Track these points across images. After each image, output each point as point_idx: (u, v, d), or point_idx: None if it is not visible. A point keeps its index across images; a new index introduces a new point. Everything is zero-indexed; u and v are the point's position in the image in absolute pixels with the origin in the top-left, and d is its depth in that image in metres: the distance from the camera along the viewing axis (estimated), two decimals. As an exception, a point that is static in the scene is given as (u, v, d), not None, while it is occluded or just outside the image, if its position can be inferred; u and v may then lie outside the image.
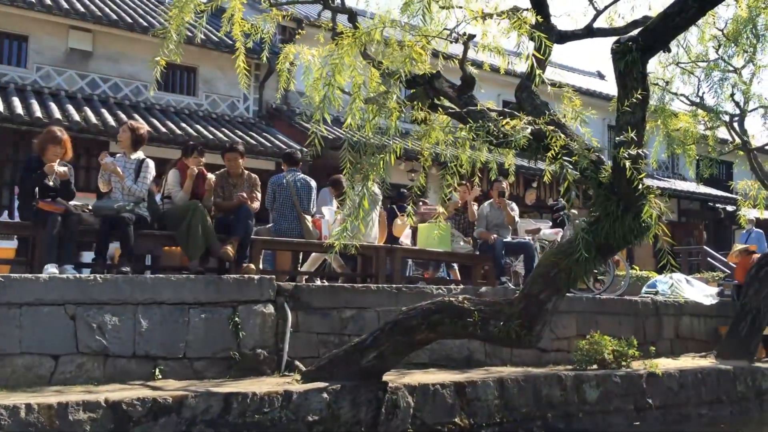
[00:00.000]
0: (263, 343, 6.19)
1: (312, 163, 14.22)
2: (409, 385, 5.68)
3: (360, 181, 4.85)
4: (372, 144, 4.71)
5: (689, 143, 9.92)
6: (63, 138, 6.00)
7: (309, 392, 5.17)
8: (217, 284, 6.06)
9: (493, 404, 6.06)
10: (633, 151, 4.31)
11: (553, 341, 8.12)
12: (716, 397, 7.74)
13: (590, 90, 20.63)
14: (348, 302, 6.79)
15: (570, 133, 4.80)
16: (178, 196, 6.52)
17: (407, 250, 8.21)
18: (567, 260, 4.97)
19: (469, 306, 5.24)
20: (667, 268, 4.40)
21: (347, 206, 4.92)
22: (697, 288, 10.35)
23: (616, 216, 4.79)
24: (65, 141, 6.03)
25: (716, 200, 21.46)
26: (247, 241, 6.63)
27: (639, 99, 4.55)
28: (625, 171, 4.30)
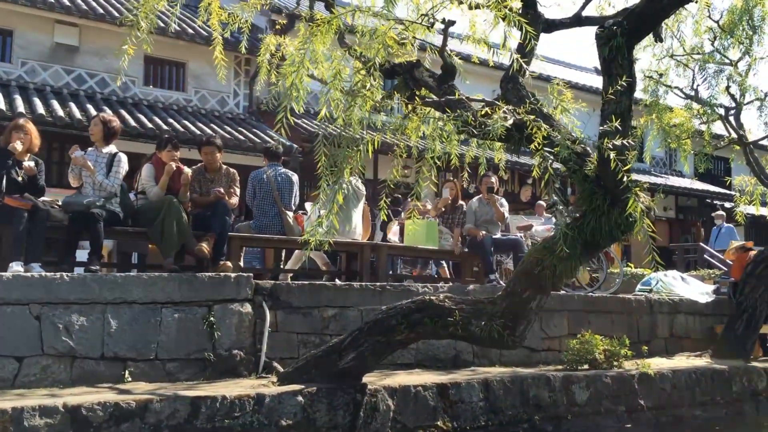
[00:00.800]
0: (240, 343, 5.98)
1: (303, 159, 14.06)
2: (390, 387, 5.46)
3: (335, 175, 4.62)
4: (347, 136, 4.48)
5: (684, 137, 9.70)
6: (26, 126, 5.77)
7: (283, 395, 4.95)
8: (191, 282, 5.84)
9: (477, 406, 5.84)
10: (618, 142, 4.08)
11: (544, 340, 7.91)
12: (711, 397, 7.51)
13: (587, 86, 20.41)
14: (330, 301, 6.58)
15: (555, 123, 4.57)
16: (153, 192, 6.29)
17: (393, 246, 8.00)
18: (551, 257, 4.75)
19: (450, 305, 5.02)
20: (653, 265, 4.17)
21: (321, 201, 4.69)
22: (692, 285, 10.13)
23: (602, 211, 4.57)
24: (29, 129, 5.80)
25: (714, 197, 21.24)
26: (224, 237, 6.41)
27: (625, 87, 4.32)
28: (611, 163, 4.07)
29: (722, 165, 23.25)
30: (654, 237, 4.29)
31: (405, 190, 8.29)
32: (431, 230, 8.07)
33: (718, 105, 9.70)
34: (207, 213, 6.50)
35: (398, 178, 5.78)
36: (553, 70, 20.50)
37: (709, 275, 11.27)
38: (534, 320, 5.04)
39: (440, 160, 5.00)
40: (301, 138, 14.02)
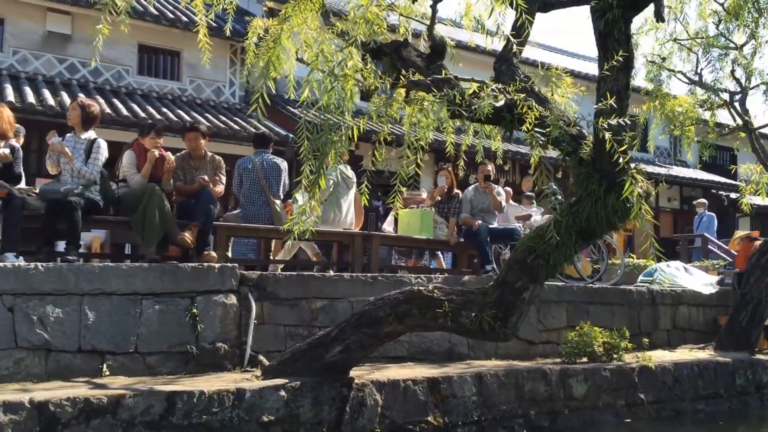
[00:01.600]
0: (224, 336, 5.77)
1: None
2: (378, 382, 5.25)
3: (317, 160, 4.39)
4: (328, 120, 4.25)
5: (688, 124, 9.42)
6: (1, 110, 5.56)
7: (264, 390, 4.74)
8: (174, 273, 5.63)
9: (470, 401, 5.63)
10: (614, 121, 3.84)
11: (542, 332, 7.70)
12: (714, 391, 7.29)
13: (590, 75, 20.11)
14: (319, 292, 6.37)
15: (548, 104, 4.32)
16: (134, 180, 6.07)
17: (385, 237, 7.77)
18: (545, 245, 4.52)
19: (440, 296, 4.79)
20: (651, 253, 3.94)
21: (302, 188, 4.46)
22: (696, 276, 9.88)
23: (598, 196, 4.34)
24: (5, 116, 5.58)
25: (719, 187, 20.94)
26: (209, 227, 6.19)
27: (621, 63, 4.08)
28: (606, 144, 3.83)
29: (727, 155, 22.94)
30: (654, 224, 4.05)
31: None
32: (425, 220, 7.84)
33: (722, 90, 9.43)
34: (191, 202, 6.28)
35: (388, 166, 5.57)
36: (556, 59, 20.20)
37: (713, 266, 11.01)
38: (527, 311, 4.81)
39: (428, 145, 4.75)
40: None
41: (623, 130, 3.98)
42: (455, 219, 8.16)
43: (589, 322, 7.46)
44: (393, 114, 4.61)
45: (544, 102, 4.32)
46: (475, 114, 3.93)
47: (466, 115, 4.26)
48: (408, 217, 7.89)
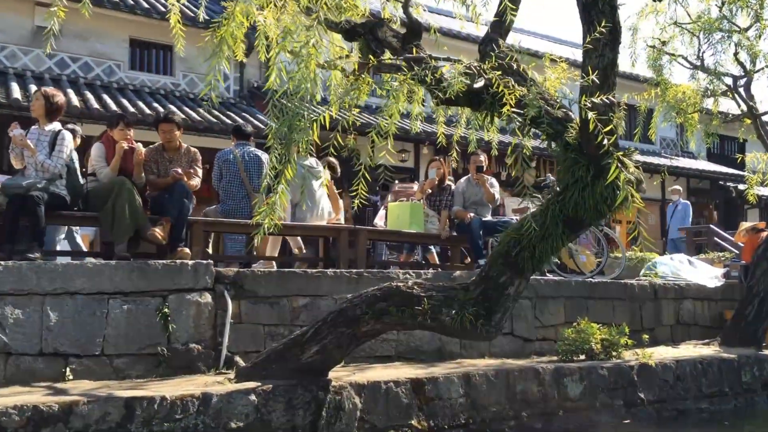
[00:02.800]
0: (198, 336, 5.49)
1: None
2: (357, 384, 4.94)
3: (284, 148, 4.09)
4: (294, 107, 3.95)
5: (690, 111, 9.05)
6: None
7: (233, 394, 4.45)
8: (143, 271, 5.34)
9: (457, 403, 5.32)
10: (598, 99, 3.52)
11: (538, 329, 7.38)
12: (718, 389, 6.95)
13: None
14: (301, 289, 6.07)
15: (529, 83, 3.98)
16: (103, 173, 5.78)
17: (373, 231, 7.46)
18: (530, 237, 4.21)
19: (419, 292, 4.49)
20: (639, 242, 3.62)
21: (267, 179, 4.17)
22: (700, 269, 9.53)
23: (585, 183, 4.02)
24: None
25: (727, 178, 20.52)
26: (182, 222, 5.90)
27: (607, 37, 3.76)
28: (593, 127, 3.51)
29: (735, 145, 22.51)
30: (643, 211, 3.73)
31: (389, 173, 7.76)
32: (416, 213, 7.53)
33: (725, 74, 9.04)
34: (165, 196, 5.99)
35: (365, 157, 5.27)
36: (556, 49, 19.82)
37: (719, 258, 10.64)
38: (512, 308, 4.49)
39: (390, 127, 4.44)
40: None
41: (609, 110, 3.66)
42: (447, 212, 7.84)
43: (589, 318, 7.17)
44: (364, 98, 4.30)
45: (524, 80, 3.99)
46: (445, 93, 3.61)
47: (442, 97, 3.94)
48: (397, 211, 7.59)
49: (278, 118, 4.04)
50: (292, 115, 3.90)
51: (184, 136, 11.74)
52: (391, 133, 4.89)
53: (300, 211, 7.05)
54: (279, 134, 4.02)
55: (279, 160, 4.14)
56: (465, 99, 4.08)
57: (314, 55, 3.68)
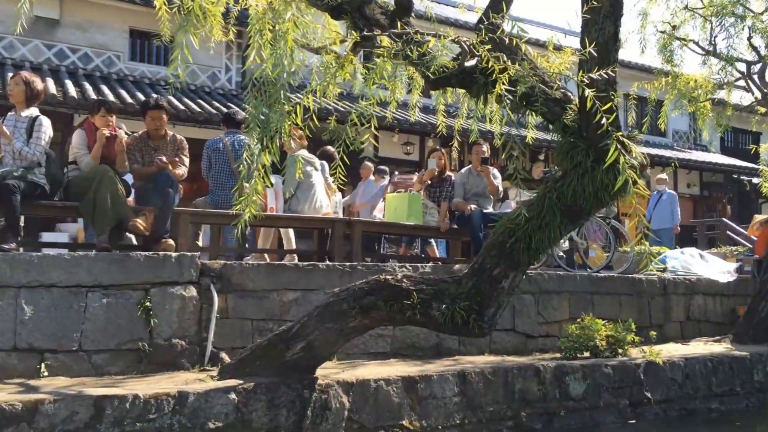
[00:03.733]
0: (182, 332, 5.26)
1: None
2: (345, 382, 4.70)
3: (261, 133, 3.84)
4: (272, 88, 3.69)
5: (702, 99, 8.71)
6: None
7: (211, 393, 4.21)
8: (124, 263, 5.12)
9: (452, 402, 5.06)
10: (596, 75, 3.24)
11: (541, 325, 7.11)
12: (729, 388, 6.65)
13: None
14: (291, 283, 5.83)
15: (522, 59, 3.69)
16: (85, 161, 5.55)
17: (368, 223, 7.20)
18: (526, 227, 3.94)
19: (408, 285, 4.23)
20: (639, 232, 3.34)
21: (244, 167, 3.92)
22: (712, 264, 9.20)
23: (585, 168, 3.74)
24: None
25: (741, 171, 20.12)
26: (167, 212, 5.65)
27: (608, 8, 3.47)
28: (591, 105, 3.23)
29: (749, 138, 22.07)
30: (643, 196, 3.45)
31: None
32: (414, 204, 7.26)
33: (739, 59, 8.68)
34: (150, 185, 5.75)
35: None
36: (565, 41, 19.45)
37: (732, 252, 10.30)
38: (506, 303, 4.22)
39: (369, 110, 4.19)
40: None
41: (609, 87, 3.38)
42: (447, 204, 7.57)
43: (594, 313, 6.89)
44: (346, 77, 4.04)
45: (516, 56, 3.70)
46: (430, 69, 3.34)
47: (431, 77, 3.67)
48: (395, 202, 7.32)
49: (256, 100, 3.78)
50: (269, 96, 3.64)
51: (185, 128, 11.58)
52: (387, 122, 4.59)
53: (295, 203, 6.81)
54: (256, 118, 3.76)
55: (257, 145, 3.88)
56: (457, 79, 3.82)
57: (291, 30, 3.42)
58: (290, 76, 3.63)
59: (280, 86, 3.60)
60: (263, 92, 3.85)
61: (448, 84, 3.89)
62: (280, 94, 3.61)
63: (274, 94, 3.60)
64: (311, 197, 6.80)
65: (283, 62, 3.53)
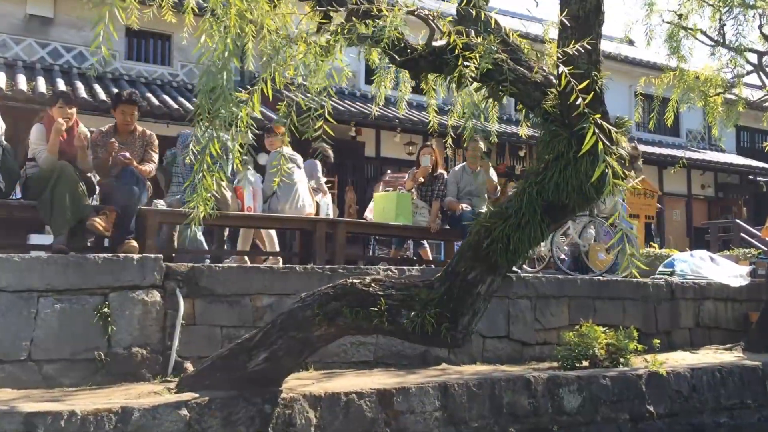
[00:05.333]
0: (144, 339, 4.90)
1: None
2: (312, 396, 4.31)
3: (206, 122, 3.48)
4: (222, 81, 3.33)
5: (712, 93, 8.25)
6: None
7: (160, 408, 3.83)
8: (81, 266, 4.77)
9: (432, 417, 4.66)
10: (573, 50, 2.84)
11: (538, 332, 6.70)
12: (740, 401, 6.19)
13: (617, 55, 18.90)
14: (265, 287, 5.47)
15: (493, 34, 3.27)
16: (43, 157, 5.21)
17: (353, 223, 6.82)
18: (504, 226, 3.53)
19: (377, 290, 3.84)
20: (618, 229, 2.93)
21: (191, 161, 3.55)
22: (723, 267, 8.73)
23: (567, 160, 3.34)
24: None
25: (757, 172, 19.53)
26: (131, 212, 5.30)
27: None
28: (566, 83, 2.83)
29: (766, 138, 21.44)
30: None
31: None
32: (403, 204, 6.87)
33: (749, 49, 8.20)
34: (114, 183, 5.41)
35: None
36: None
37: (744, 255, 9.81)
38: (484, 310, 3.81)
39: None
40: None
41: (593, 67, 2.97)
42: (439, 203, 7.16)
43: (596, 320, 6.50)
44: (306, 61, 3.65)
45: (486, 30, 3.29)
46: (380, 42, 2.95)
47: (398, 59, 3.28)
48: (383, 202, 6.94)
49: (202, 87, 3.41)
50: (213, 82, 3.27)
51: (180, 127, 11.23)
52: (372, 117, 4.20)
53: (275, 203, 6.44)
54: (201, 106, 3.40)
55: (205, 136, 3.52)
56: (426, 61, 3.43)
57: (233, 4, 3.05)
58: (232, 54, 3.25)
59: (222, 68, 3.23)
60: (205, 77, 3.49)
61: (418, 67, 3.51)
62: (224, 82, 3.24)
63: (218, 79, 3.23)
64: (293, 196, 6.43)
65: (226, 42, 3.16)
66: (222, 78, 3.22)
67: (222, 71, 3.22)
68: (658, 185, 17.52)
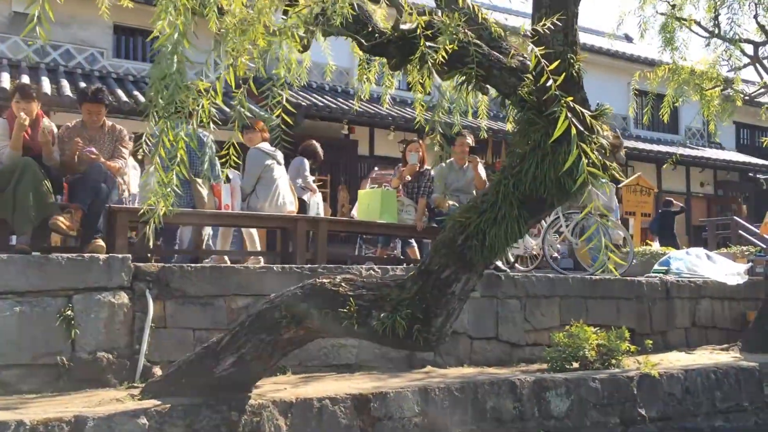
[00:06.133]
0: (110, 344, 4.69)
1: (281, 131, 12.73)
2: (283, 402, 4.10)
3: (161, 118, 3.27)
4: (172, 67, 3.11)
5: (708, 86, 8.02)
6: None
7: (116, 417, 3.62)
8: (43, 267, 4.55)
9: (411, 423, 4.45)
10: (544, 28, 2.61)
11: (528, 333, 6.49)
12: (736, 403, 5.97)
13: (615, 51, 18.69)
14: (241, 288, 5.25)
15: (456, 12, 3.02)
16: (5, 153, 4.99)
17: (335, 221, 6.59)
18: (479, 221, 3.31)
19: (346, 290, 3.62)
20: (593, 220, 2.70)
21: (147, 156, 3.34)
22: (720, 265, 8.49)
23: (545, 150, 3.11)
24: None
25: (757, 169, 19.29)
26: (98, 210, 5.08)
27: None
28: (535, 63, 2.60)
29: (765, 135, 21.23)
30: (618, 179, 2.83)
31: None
32: (387, 201, 6.65)
33: (745, 40, 7.95)
34: (81, 180, 5.18)
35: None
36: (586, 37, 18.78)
37: (742, 253, 9.58)
38: (459, 310, 3.59)
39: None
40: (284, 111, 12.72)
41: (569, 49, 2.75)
42: (425, 200, 6.94)
43: (589, 320, 6.29)
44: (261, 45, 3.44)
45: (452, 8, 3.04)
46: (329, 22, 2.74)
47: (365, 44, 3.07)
48: (367, 199, 6.72)
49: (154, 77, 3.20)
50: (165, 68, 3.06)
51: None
52: (354, 111, 3.98)
53: (254, 201, 6.22)
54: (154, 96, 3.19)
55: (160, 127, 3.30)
56: (395, 46, 3.21)
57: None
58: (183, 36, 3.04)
59: (172, 52, 3.02)
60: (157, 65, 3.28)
61: (387, 52, 3.29)
62: (173, 62, 3.02)
63: (168, 65, 3.01)
64: (272, 194, 6.22)
65: (177, 24, 2.95)
66: (172, 63, 2.99)
67: (172, 55, 2.99)
68: (657, 183, 17.31)
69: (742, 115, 19.21)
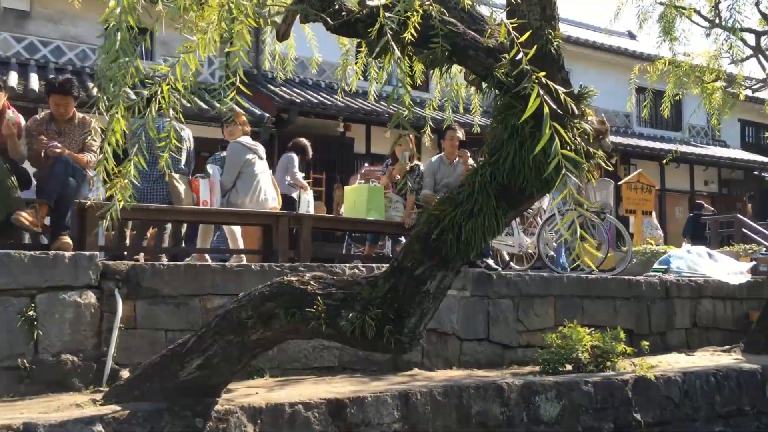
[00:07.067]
0: (76, 345, 4.47)
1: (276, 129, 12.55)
2: (252, 407, 3.86)
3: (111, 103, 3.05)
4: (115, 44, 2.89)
5: (708, 79, 7.76)
6: None
7: (69, 425, 3.39)
8: (4, 264, 4.32)
9: (390, 429, 4.21)
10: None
11: (521, 334, 6.25)
12: (737, 407, 5.73)
13: (617, 48, 18.46)
14: (217, 287, 5.03)
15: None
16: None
17: (320, 218, 6.36)
18: (454, 214, 3.08)
19: (315, 289, 3.38)
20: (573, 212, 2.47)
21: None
22: (722, 264, 8.23)
23: (523, 137, 2.87)
24: None
25: (762, 168, 18.99)
26: (65, 205, 4.86)
27: None
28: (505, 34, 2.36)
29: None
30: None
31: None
32: (375, 197, 6.42)
33: (746, 29, 7.67)
34: (48, 175, 4.96)
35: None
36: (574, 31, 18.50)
37: (745, 251, 9.31)
38: (434, 310, 3.35)
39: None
40: (276, 107, 12.55)
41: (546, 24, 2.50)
42: (414, 196, 6.71)
43: (585, 320, 6.07)
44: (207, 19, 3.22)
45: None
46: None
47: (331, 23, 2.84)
48: (354, 195, 6.49)
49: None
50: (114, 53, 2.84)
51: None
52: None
53: (234, 196, 6.00)
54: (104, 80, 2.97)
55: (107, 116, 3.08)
56: (364, 25, 2.98)
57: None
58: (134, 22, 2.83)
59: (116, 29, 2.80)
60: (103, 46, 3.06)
61: (355, 32, 3.06)
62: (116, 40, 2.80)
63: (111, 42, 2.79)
64: (253, 189, 5.99)
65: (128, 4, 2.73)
66: (115, 40, 2.76)
67: (116, 33, 2.77)
68: (660, 181, 17.02)
69: (746, 113, 18.95)
